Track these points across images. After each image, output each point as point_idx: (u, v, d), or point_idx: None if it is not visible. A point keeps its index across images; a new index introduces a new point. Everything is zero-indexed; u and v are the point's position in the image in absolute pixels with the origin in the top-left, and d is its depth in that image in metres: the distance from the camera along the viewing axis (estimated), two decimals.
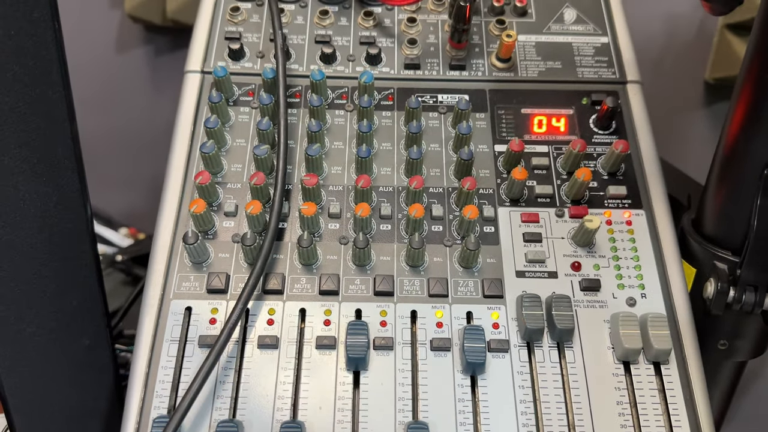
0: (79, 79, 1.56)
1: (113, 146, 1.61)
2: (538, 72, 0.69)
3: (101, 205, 1.66)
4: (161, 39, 1.44)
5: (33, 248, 0.54)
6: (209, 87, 0.67)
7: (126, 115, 1.56)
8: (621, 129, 0.66)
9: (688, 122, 1.15)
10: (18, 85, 0.49)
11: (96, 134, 1.58)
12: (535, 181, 0.62)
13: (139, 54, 1.47)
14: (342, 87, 0.68)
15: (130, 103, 1.54)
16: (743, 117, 0.53)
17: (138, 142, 1.58)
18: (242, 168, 0.63)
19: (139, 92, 1.52)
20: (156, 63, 1.48)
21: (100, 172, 1.65)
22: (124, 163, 1.64)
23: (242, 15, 0.71)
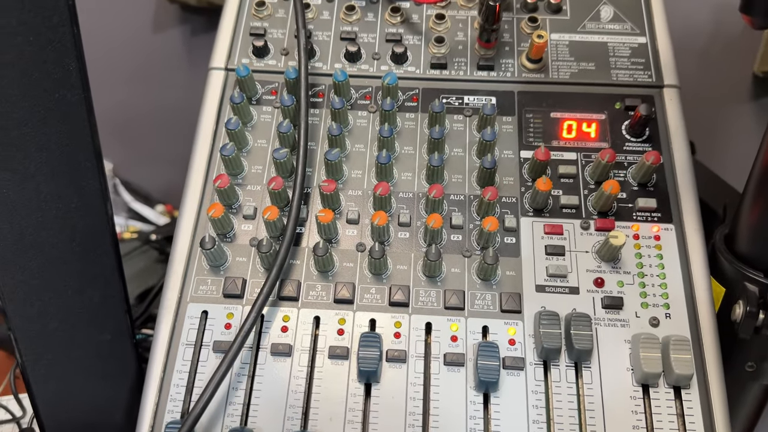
0: (118, 59, 1.58)
1: (152, 124, 1.63)
2: (570, 73, 0.66)
3: (140, 181, 1.69)
4: (197, 19, 1.44)
5: (55, 247, 0.55)
6: (233, 84, 0.66)
7: (164, 93, 1.58)
8: (655, 137, 0.63)
9: (733, 117, 1.09)
10: (38, 90, 0.49)
11: (135, 112, 1.61)
12: (561, 191, 0.60)
13: (176, 33, 1.48)
14: (366, 87, 0.67)
15: (168, 82, 1.55)
16: None
17: (177, 121, 1.59)
18: (263, 169, 0.62)
19: (177, 71, 1.53)
20: (192, 42, 1.49)
21: (140, 149, 1.69)
22: (164, 141, 1.67)
23: (268, 10, 0.70)
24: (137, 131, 1.66)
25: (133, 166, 1.68)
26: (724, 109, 1.06)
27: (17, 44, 0.47)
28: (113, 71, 1.53)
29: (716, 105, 1.08)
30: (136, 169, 1.68)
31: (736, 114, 1.09)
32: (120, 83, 1.56)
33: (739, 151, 1.05)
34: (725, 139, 1.06)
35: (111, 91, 1.57)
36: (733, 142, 1.05)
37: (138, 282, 1.29)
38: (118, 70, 1.54)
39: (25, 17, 0.47)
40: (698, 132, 0.98)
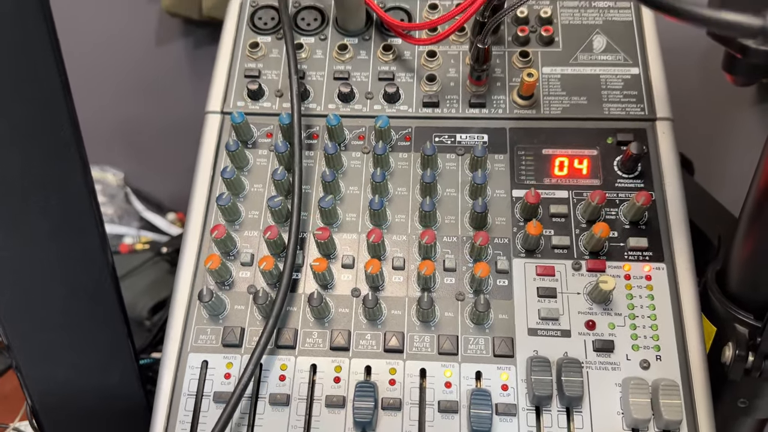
0: (125, 72, 1.60)
1: (161, 134, 1.66)
2: (561, 108, 0.66)
3: (151, 190, 1.72)
4: (199, 32, 1.46)
5: (61, 303, 0.57)
6: (229, 128, 0.67)
7: (171, 104, 1.60)
8: (647, 173, 0.63)
9: (735, 127, 1.08)
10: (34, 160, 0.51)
11: (144, 123, 1.64)
12: (553, 231, 0.61)
13: (179, 46, 1.50)
14: (359, 127, 0.67)
15: (174, 93, 1.57)
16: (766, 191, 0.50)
17: (184, 130, 1.62)
18: (259, 215, 0.63)
19: (182, 82, 1.55)
20: (196, 54, 1.50)
21: (150, 159, 1.71)
22: (172, 150, 1.69)
23: (262, 50, 0.71)
24: (146, 141, 1.68)
25: (144, 175, 1.70)
26: (724, 119, 1.05)
27: (11, 115, 0.49)
28: (121, 84, 1.56)
29: (717, 115, 1.07)
30: (146, 178, 1.71)
31: (737, 123, 1.08)
32: (128, 96, 1.59)
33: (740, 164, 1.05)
34: (725, 152, 1.05)
35: (119, 104, 1.60)
36: (733, 154, 1.04)
37: (151, 294, 1.32)
38: (126, 83, 1.56)
39: (19, 92, 0.48)
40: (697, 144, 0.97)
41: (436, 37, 0.65)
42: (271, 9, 0.73)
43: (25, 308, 0.56)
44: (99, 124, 1.63)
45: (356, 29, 0.71)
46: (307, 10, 0.73)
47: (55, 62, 0.49)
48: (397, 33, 0.68)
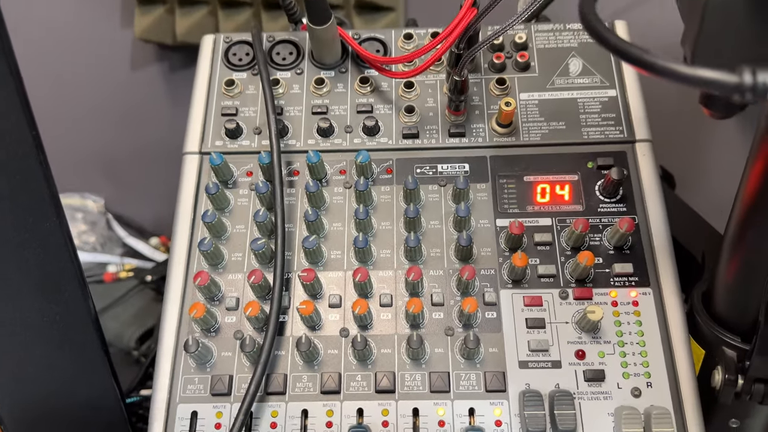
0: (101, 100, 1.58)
1: (141, 158, 1.65)
2: (541, 135, 0.67)
3: (134, 215, 1.71)
4: (174, 56, 1.44)
5: (45, 357, 0.56)
6: (208, 168, 0.67)
7: (147, 128, 1.59)
8: (629, 196, 0.63)
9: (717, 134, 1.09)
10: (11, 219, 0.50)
11: (122, 148, 1.62)
12: (538, 260, 0.61)
13: (154, 71, 1.49)
14: (340, 161, 0.67)
15: (150, 117, 1.57)
16: (749, 212, 0.50)
17: (162, 154, 1.61)
18: (242, 257, 0.63)
19: (158, 107, 1.54)
20: (171, 78, 1.49)
21: (130, 184, 1.70)
22: (152, 175, 1.68)
23: (238, 88, 0.70)
24: (126, 166, 1.67)
25: (125, 200, 1.69)
26: (702, 128, 1.06)
27: None
28: (98, 111, 1.54)
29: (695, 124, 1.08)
30: (127, 203, 1.69)
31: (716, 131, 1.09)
32: (105, 122, 1.57)
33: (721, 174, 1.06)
34: (706, 162, 1.06)
35: (97, 130, 1.58)
36: (713, 163, 1.05)
37: (137, 324, 1.30)
38: (103, 110, 1.54)
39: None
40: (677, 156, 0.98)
41: (414, 71, 0.65)
42: (245, 44, 0.73)
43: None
44: (78, 151, 1.62)
45: (332, 62, 0.71)
46: (282, 45, 0.72)
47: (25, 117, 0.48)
48: (375, 67, 0.68)
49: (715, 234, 0.72)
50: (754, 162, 0.49)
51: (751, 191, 0.50)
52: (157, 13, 1.30)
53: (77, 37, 1.42)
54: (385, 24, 1.16)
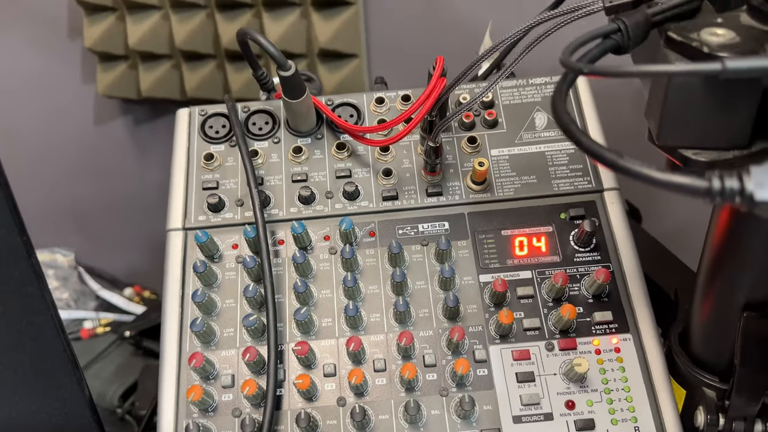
0: (68, 155, 1.57)
1: (109, 210, 1.64)
2: (514, 189, 0.69)
3: (105, 266, 1.70)
4: (139, 109, 1.45)
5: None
6: (193, 244, 0.67)
7: (114, 180, 1.59)
8: (602, 245, 0.66)
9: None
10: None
11: (90, 201, 1.61)
12: (523, 313, 0.63)
13: (119, 125, 1.49)
14: (324, 227, 0.69)
15: (117, 169, 1.56)
16: (718, 260, 0.53)
17: (132, 204, 1.61)
18: (234, 332, 0.64)
19: (125, 158, 1.54)
20: (136, 131, 1.50)
21: (100, 236, 1.69)
22: (121, 225, 1.67)
23: (217, 161, 0.71)
24: (94, 219, 1.65)
25: (95, 252, 1.68)
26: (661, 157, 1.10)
27: None
28: (64, 166, 1.53)
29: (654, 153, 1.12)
30: (98, 255, 1.68)
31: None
32: (72, 176, 1.56)
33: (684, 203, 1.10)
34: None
35: (64, 185, 1.57)
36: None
37: (119, 381, 1.29)
38: (69, 165, 1.54)
39: None
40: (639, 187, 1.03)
41: (389, 140, 0.67)
42: (221, 117, 0.74)
43: None
44: (45, 206, 1.60)
45: (308, 130, 0.73)
46: (258, 115, 0.74)
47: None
48: (352, 135, 0.70)
49: (685, 270, 0.76)
50: (720, 213, 0.52)
51: (717, 240, 0.54)
52: (120, 69, 1.31)
53: (39, 93, 1.42)
54: (350, 71, 1.19)
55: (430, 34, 1.15)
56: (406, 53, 1.19)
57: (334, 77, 1.20)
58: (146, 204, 1.61)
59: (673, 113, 0.44)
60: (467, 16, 1.11)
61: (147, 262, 1.72)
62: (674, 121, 0.44)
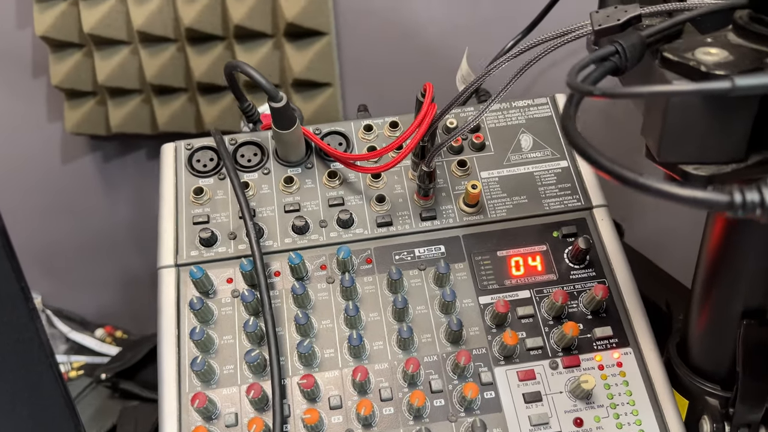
0: (35, 194, 1.53)
1: (76, 249, 1.60)
2: (506, 210, 0.70)
3: (74, 308, 1.64)
4: (107, 145, 1.42)
5: None
6: (186, 279, 0.66)
7: (82, 219, 1.55)
8: (596, 261, 0.67)
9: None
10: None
11: (57, 240, 1.57)
12: (524, 333, 0.64)
13: (87, 162, 1.46)
14: (319, 257, 0.68)
15: (84, 208, 1.53)
16: (713, 271, 0.55)
17: (101, 243, 1.57)
18: (234, 369, 0.62)
19: (93, 196, 1.51)
20: (105, 168, 1.47)
21: (67, 276, 1.63)
22: (89, 265, 1.63)
23: (207, 195, 0.70)
24: (62, 259, 1.61)
25: (63, 293, 1.63)
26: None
27: None
28: (30, 206, 1.49)
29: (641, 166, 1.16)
30: (66, 296, 1.63)
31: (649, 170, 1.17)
32: (38, 216, 1.52)
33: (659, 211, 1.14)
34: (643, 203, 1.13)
35: (30, 225, 1.53)
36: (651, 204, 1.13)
37: (97, 426, 1.25)
38: (35, 204, 1.49)
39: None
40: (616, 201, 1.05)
41: (383, 166, 0.67)
42: (208, 150, 0.73)
43: None
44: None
45: (298, 159, 0.72)
46: (246, 146, 0.73)
47: None
48: (344, 164, 0.70)
49: (673, 281, 0.78)
50: (714, 223, 0.54)
51: (712, 249, 0.55)
52: (88, 105, 1.28)
53: (3, 133, 1.37)
54: (324, 100, 1.19)
55: (404, 62, 1.17)
56: (380, 81, 1.21)
57: (308, 107, 1.21)
58: (116, 242, 1.57)
59: (673, 131, 0.45)
60: (440, 42, 1.13)
61: (117, 301, 1.68)
62: (674, 138, 0.45)
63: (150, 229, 1.58)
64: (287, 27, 1.12)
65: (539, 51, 0.56)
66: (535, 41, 0.56)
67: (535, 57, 0.56)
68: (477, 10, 1.10)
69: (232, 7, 1.12)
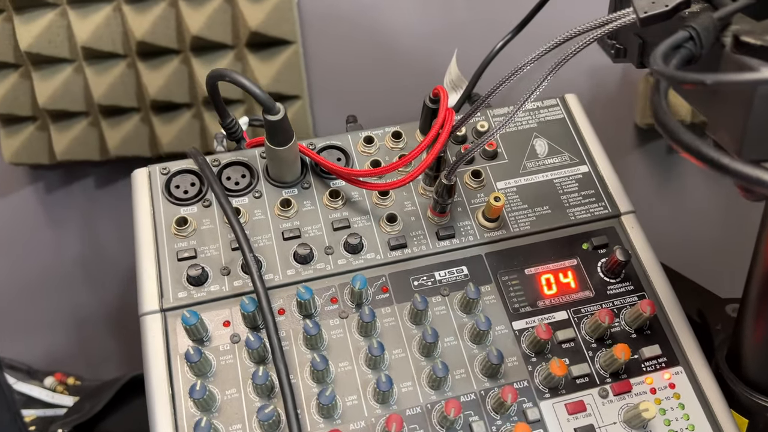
0: None
1: (17, 289, 1.46)
2: (529, 223, 0.64)
3: (17, 356, 1.49)
4: (50, 175, 1.29)
5: None
6: (176, 326, 0.56)
7: (23, 256, 1.41)
8: (631, 273, 0.62)
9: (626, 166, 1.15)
10: None
11: None
12: (567, 359, 0.57)
13: (28, 193, 1.32)
14: (328, 288, 0.60)
15: (25, 244, 1.38)
16: None
17: (46, 282, 1.43)
18: (242, 428, 0.53)
19: (35, 231, 1.37)
20: (48, 199, 1.33)
21: (9, 321, 1.48)
22: (31, 307, 1.48)
23: (191, 225, 0.61)
24: (2, 301, 1.45)
25: (5, 340, 1.47)
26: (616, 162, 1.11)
27: None
28: None
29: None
30: (7, 343, 1.48)
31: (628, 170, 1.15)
32: None
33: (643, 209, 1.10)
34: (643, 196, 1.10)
35: None
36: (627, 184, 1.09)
37: None
38: None
39: None
40: None
41: (394, 183, 0.60)
42: (188, 174, 0.64)
43: None
44: None
45: (293, 179, 0.64)
46: (232, 167, 0.64)
47: None
48: (348, 181, 0.62)
49: (701, 289, 0.73)
50: None
51: None
52: (27, 132, 1.16)
53: None
54: (293, 113, 1.11)
55: (377, 69, 1.10)
56: (352, 91, 1.13)
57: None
58: (63, 279, 1.43)
59: (759, 125, 0.40)
60: (414, 47, 1.07)
61: (67, 344, 1.54)
62: (759, 134, 0.40)
63: (102, 263, 1.45)
64: (250, 36, 1.03)
65: (579, 42, 0.50)
66: (570, 34, 0.50)
67: (573, 51, 0.50)
68: (452, 13, 1.04)
69: (189, 17, 1.02)
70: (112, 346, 1.55)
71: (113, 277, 1.45)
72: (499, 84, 0.52)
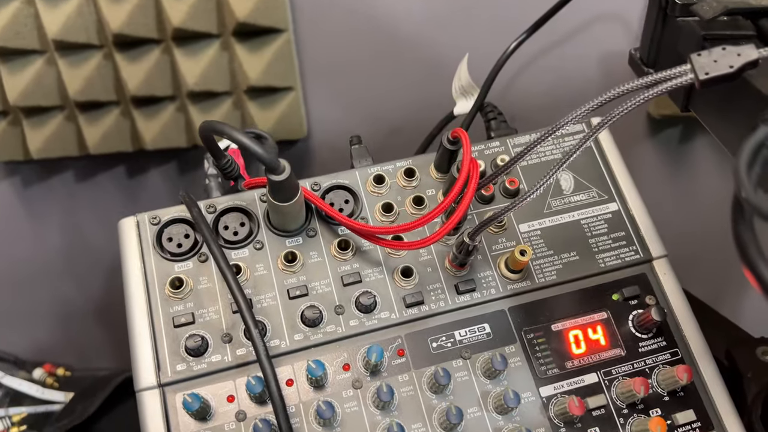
0: None
1: (3, 283, 1.41)
2: (556, 272, 0.59)
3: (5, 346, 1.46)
4: (25, 169, 1.21)
5: None
6: (176, 403, 0.51)
7: (9, 249, 1.35)
8: (664, 328, 0.58)
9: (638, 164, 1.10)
10: None
11: None
12: (598, 428, 0.54)
13: (5, 188, 1.25)
14: (339, 354, 0.55)
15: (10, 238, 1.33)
16: None
17: (30, 273, 1.38)
18: None
19: (13, 225, 1.30)
20: (27, 193, 1.26)
21: None
22: (17, 297, 1.44)
23: (187, 285, 0.55)
24: None
25: None
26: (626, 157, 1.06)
27: None
28: None
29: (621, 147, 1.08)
30: None
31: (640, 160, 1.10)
32: None
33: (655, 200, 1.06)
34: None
35: None
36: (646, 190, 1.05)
37: None
38: None
39: None
40: None
41: (416, 244, 0.54)
42: (180, 223, 0.57)
43: None
44: None
45: (297, 228, 0.58)
46: (229, 214, 0.58)
47: None
48: (366, 238, 0.56)
49: (729, 325, 0.70)
50: None
51: None
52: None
53: None
54: (285, 107, 1.04)
55: (375, 59, 1.02)
56: (348, 83, 1.06)
57: (267, 116, 1.04)
58: (48, 271, 1.38)
59: None
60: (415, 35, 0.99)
61: (54, 334, 1.50)
62: None
63: (86, 255, 1.39)
64: (237, 25, 0.94)
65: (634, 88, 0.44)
66: (616, 93, 0.44)
67: (618, 113, 0.44)
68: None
69: (170, 5, 0.93)
70: (101, 335, 1.52)
71: (97, 267, 1.40)
72: (531, 145, 0.46)
